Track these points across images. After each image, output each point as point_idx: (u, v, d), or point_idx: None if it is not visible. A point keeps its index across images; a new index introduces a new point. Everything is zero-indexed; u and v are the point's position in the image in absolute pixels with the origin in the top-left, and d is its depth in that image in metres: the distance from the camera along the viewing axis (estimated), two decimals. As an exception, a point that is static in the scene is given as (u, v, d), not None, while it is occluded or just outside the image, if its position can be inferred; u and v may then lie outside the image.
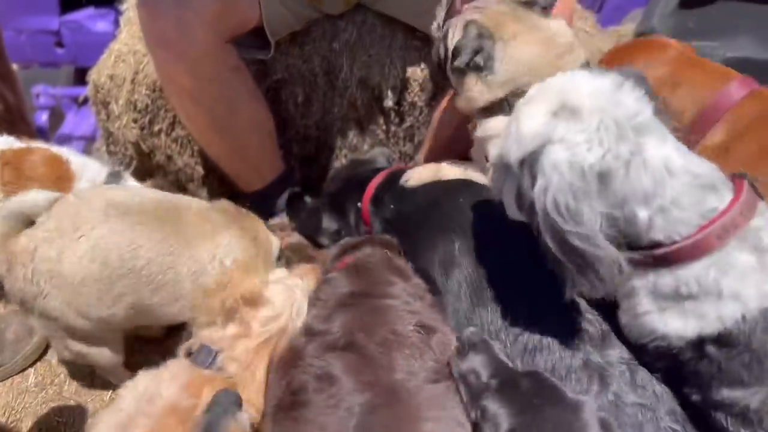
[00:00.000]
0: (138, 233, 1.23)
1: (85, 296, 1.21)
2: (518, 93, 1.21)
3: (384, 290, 1.09)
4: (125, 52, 1.74)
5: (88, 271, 1.20)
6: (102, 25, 2.60)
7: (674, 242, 0.92)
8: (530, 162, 0.90)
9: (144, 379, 1.06)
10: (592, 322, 1.03)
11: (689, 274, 0.92)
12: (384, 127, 1.87)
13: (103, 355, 1.31)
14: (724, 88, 1.32)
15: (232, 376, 1.08)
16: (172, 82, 1.38)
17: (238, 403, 0.95)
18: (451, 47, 1.27)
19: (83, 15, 2.61)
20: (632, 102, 0.90)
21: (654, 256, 0.93)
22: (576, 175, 0.88)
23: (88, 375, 1.53)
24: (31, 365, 1.58)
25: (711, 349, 0.93)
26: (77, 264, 1.19)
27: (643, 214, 0.91)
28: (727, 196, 0.92)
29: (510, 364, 0.96)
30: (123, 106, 1.75)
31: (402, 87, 1.78)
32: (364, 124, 1.83)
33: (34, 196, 1.21)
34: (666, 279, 0.94)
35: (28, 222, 1.21)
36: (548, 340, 1.01)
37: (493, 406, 0.88)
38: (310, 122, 1.82)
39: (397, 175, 1.44)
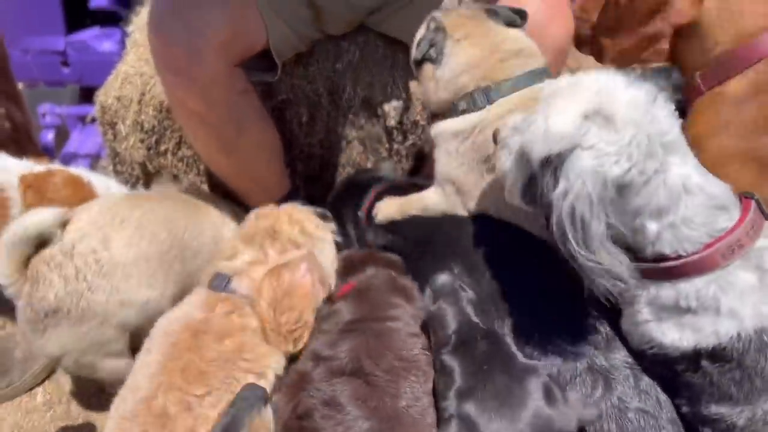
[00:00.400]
0: (168, 209, 1.40)
1: (135, 277, 1.30)
2: (461, 95, 1.30)
3: (388, 314, 1.11)
4: (132, 74, 1.77)
5: (139, 250, 1.31)
6: (107, 45, 2.63)
7: (679, 256, 0.94)
8: (555, 163, 0.90)
9: (167, 311, 1.19)
10: (596, 325, 1.05)
11: (690, 288, 0.94)
12: (387, 145, 1.90)
13: (119, 367, 1.32)
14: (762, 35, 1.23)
15: (245, 295, 1.18)
16: (182, 105, 1.41)
17: (264, 398, 1.00)
18: (415, 43, 1.38)
19: (89, 35, 2.64)
20: (664, 118, 0.91)
21: (659, 268, 0.95)
22: (598, 186, 0.88)
23: (96, 393, 1.55)
24: (40, 384, 1.60)
25: (705, 362, 0.95)
26: (127, 245, 1.30)
27: (652, 227, 0.93)
28: (735, 216, 0.95)
29: (475, 319, 1.00)
30: (130, 126, 1.78)
31: (404, 106, 1.81)
32: (367, 143, 1.86)
33: (40, 215, 1.24)
34: (667, 291, 0.96)
35: (41, 242, 1.24)
36: (553, 344, 1.02)
37: (451, 362, 0.93)
38: (314, 141, 1.85)
39: (400, 189, 1.46)
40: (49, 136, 2.52)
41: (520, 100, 1.25)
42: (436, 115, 1.38)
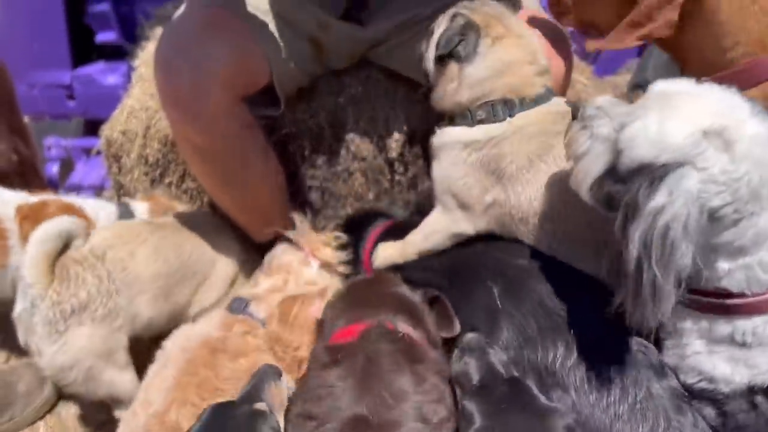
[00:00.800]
0: (178, 236, 1.54)
1: (148, 294, 1.43)
2: (481, 103, 1.24)
3: (394, 412, 0.94)
4: (137, 108, 1.80)
5: (155, 268, 1.45)
6: (112, 79, 2.67)
7: (744, 295, 0.91)
8: (658, 173, 0.83)
9: (182, 328, 1.26)
10: (648, 351, 1.01)
11: (748, 325, 0.92)
12: (389, 177, 1.91)
13: (131, 383, 1.39)
14: None
15: (261, 318, 1.24)
16: (186, 140, 1.43)
17: (279, 373, 1.04)
18: (436, 38, 1.29)
19: (95, 69, 2.69)
20: None
21: (721, 305, 0.92)
22: (695, 211, 0.82)
23: (98, 427, 1.54)
24: (41, 418, 1.59)
25: (760, 399, 0.92)
26: (147, 261, 1.44)
27: (724, 265, 0.91)
28: None
29: (501, 371, 0.96)
30: (134, 160, 1.81)
31: (406, 138, 1.83)
32: (369, 174, 1.88)
33: (66, 219, 1.38)
34: (722, 326, 0.94)
35: (65, 245, 1.36)
36: (609, 371, 0.97)
37: (470, 405, 0.91)
38: (317, 173, 1.86)
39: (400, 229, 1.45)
40: (54, 169, 2.55)
41: (537, 117, 1.22)
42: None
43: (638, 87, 2.11)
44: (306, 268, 1.40)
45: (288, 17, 1.52)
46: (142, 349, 1.40)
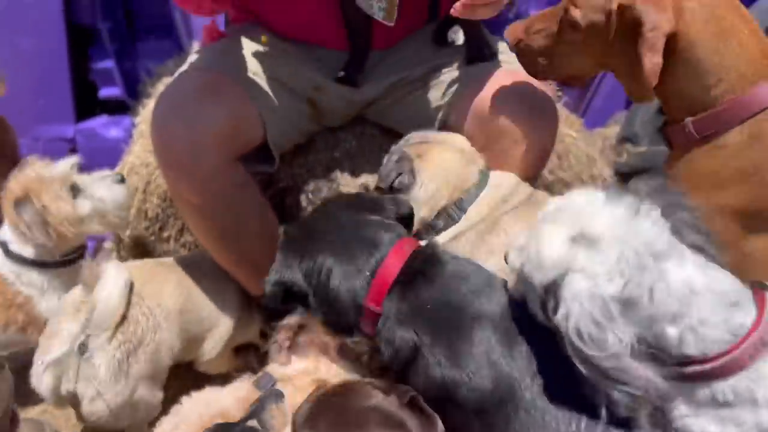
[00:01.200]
0: (191, 274, 1.64)
1: (177, 326, 1.55)
2: (437, 212, 1.38)
3: None
4: (138, 165, 1.85)
5: (180, 302, 1.57)
6: (114, 132, 2.74)
7: (707, 360, 0.94)
8: (553, 289, 0.93)
9: (206, 391, 1.27)
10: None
11: (725, 385, 0.94)
12: (384, 229, 1.94)
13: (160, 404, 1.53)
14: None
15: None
16: (182, 198, 1.47)
17: (281, 395, 1.11)
18: (380, 175, 1.45)
19: (98, 123, 2.76)
20: (649, 228, 0.93)
21: (689, 373, 0.95)
22: (597, 306, 0.90)
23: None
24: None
25: None
26: (173, 296, 1.57)
27: (672, 332, 0.94)
28: (752, 311, 0.96)
29: None
30: (134, 215, 1.84)
31: (400, 192, 1.87)
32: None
33: (125, 265, 1.56)
34: (702, 390, 0.96)
35: None
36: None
37: None
38: (313, 226, 1.89)
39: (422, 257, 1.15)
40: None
41: (488, 204, 1.37)
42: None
43: (626, 140, 2.15)
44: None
45: (285, 80, 1.58)
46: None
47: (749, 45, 1.11)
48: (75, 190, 1.67)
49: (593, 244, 0.92)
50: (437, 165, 1.41)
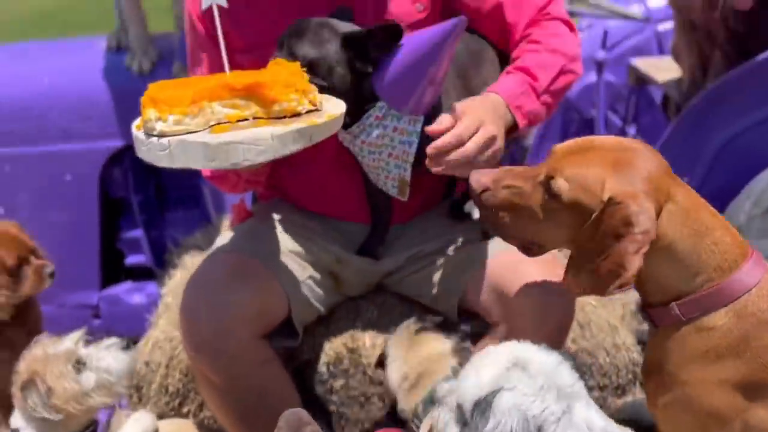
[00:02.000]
0: None
1: None
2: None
3: None
4: (162, 339, 1.87)
5: None
6: (138, 298, 2.77)
7: None
8: (485, 403, 1.05)
9: None
10: None
11: None
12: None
13: None
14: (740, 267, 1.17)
15: None
16: (204, 378, 1.47)
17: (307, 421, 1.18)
18: None
19: (122, 289, 2.80)
20: (568, 375, 1.09)
21: None
22: (521, 422, 1.03)
23: None
24: None
25: None
26: None
27: None
28: None
29: None
30: (155, 390, 1.83)
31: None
32: (386, 399, 1.87)
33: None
34: None
35: None
36: None
37: None
38: (334, 398, 1.87)
39: None
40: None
41: None
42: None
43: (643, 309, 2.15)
44: None
45: (309, 256, 1.64)
46: None
47: (722, 242, 1.17)
48: (79, 364, 1.66)
49: (525, 371, 1.07)
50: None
